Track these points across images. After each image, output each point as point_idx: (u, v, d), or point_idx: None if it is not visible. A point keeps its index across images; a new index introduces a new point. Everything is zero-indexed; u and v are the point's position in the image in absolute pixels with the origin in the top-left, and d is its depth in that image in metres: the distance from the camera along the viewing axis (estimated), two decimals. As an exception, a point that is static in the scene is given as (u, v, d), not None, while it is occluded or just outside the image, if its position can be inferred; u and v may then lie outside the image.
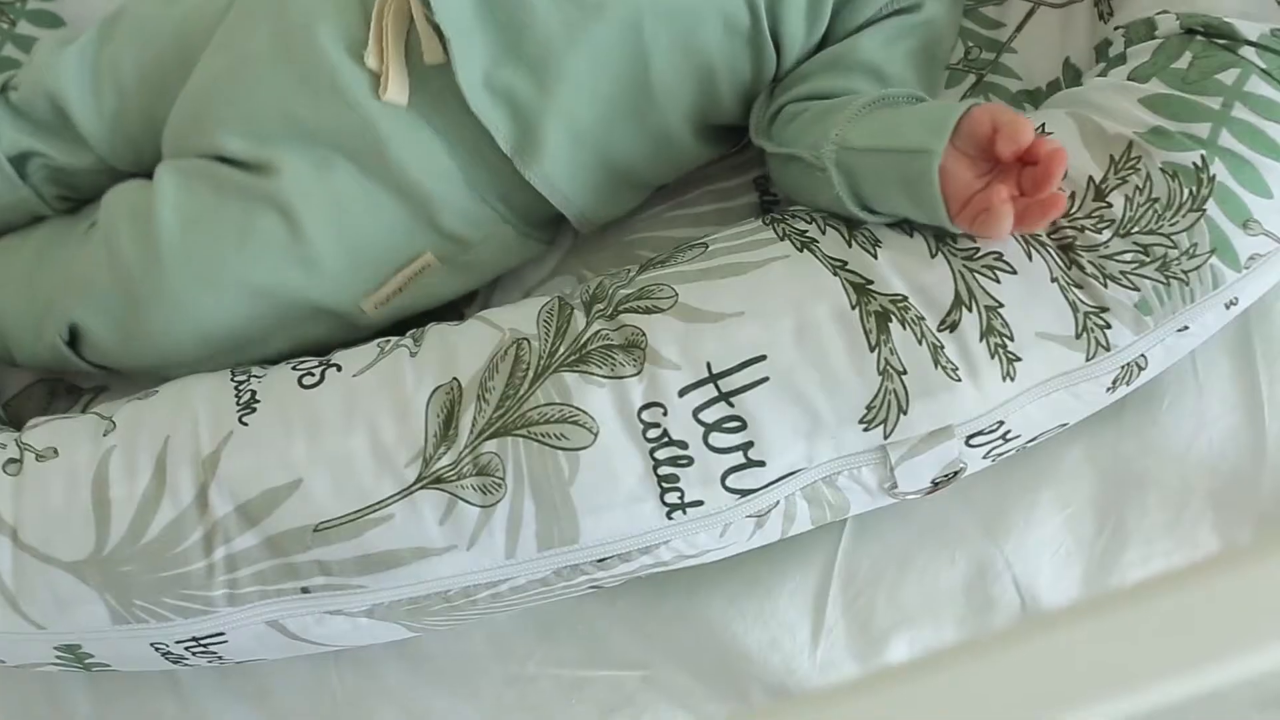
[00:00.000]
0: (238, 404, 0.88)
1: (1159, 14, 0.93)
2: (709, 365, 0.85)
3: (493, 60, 0.94)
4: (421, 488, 0.84)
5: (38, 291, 1.00)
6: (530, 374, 0.86)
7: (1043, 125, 0.91)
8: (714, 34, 0.95)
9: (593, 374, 0.85)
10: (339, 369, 0.89)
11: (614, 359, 0.86)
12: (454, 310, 1.05)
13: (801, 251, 0.88)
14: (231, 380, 0.91)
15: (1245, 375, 0.97)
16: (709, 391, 0.84)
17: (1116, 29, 0.97)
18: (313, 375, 0.89)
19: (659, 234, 1.05)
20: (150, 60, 1.01)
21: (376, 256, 0.96)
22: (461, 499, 0.84)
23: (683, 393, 0.84)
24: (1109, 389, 0.89)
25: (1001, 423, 0.87)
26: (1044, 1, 1.07)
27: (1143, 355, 0.88)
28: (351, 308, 0.97)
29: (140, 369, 0.99)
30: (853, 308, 0.85)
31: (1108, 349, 0.86)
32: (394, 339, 0.92)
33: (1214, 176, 0.85)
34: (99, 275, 0.96)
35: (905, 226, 0.88)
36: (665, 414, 0.84)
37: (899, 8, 0.98)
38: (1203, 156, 0.86)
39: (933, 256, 0.87)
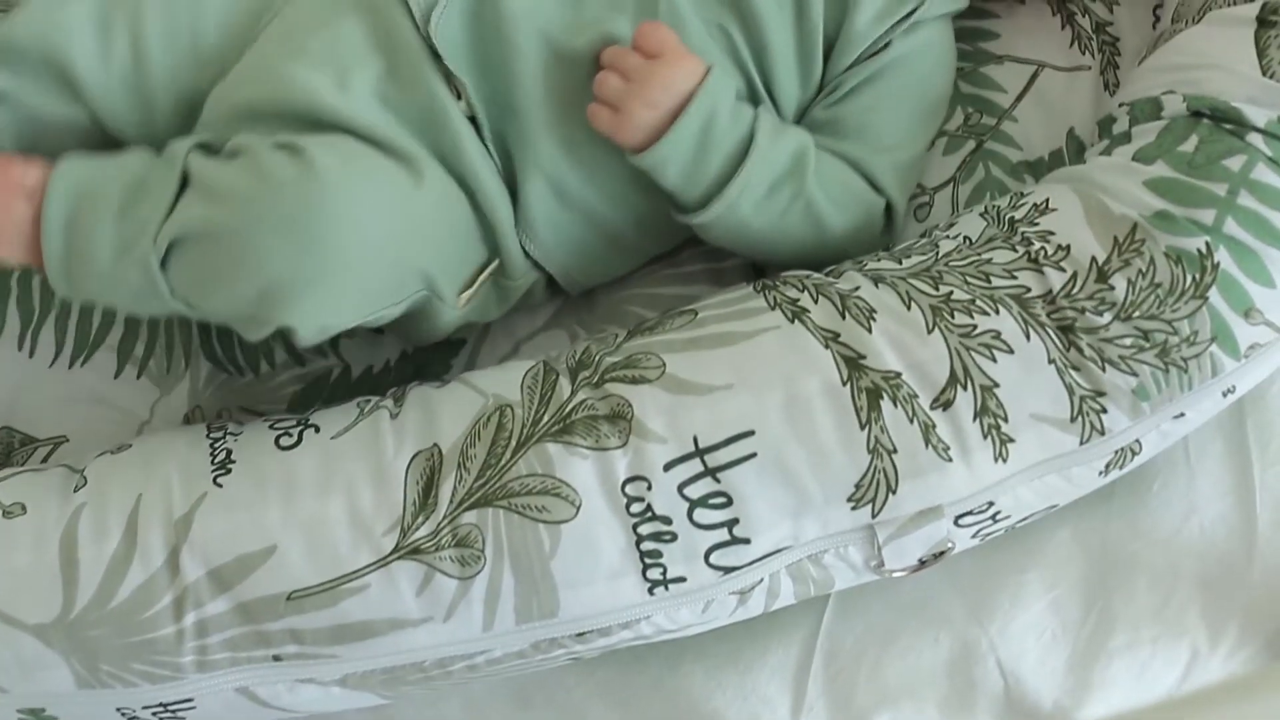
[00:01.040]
0: (212, 463, 0.86)
1: (1165, 94, 0.91)
2: (695, 439, 0.83)
3: (492, 105, 0.93)
4: (399, 558, 0.82)
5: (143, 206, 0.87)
6: (513, 443, 0.84)
7: (1047, 200, 0.90)
8: None
9: (576, 445, 0.83)
10: (317, 430, 0.87)
11: (599, 430, 0.84)
12: (441, 361, 1.03)
13: (793, 322, 0.87)
14: (207, 436, 0.89)
15: (1237, 459, 0.96)
16: (695, 466, 0.83)
17: (1121, 105, 0.95)
18: (290, 436, 0.87)
19: (651, 291, 1.03)
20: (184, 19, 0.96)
21: (471, 248, 0.94)
22: (439, 570, 0.82)
23: (668, 467, 0.83)
24: (1101, 473, 0.88)
25: (991, 503, 0.86)
26: (1047, 64, 1.05)
27: (1137, 440, 0.87)
28: (452, 295, 0.93)
29: (232, 309, 0.88)
30: (844, 383, 0.84)
31: (1103, 433, 0.85)
32: (374, 399, 0.91)
33: (1218, 264, 0.84)
34: (236, 190, 0.85)
35: (904, 297, 0.87)
36: (649, 488, 0.83)
37: (872, 51, 0.97)
38: (1207, 243, 0.84)
39: (929, 331, 0.85)
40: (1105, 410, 0.84)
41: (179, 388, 1.05)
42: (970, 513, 0.85)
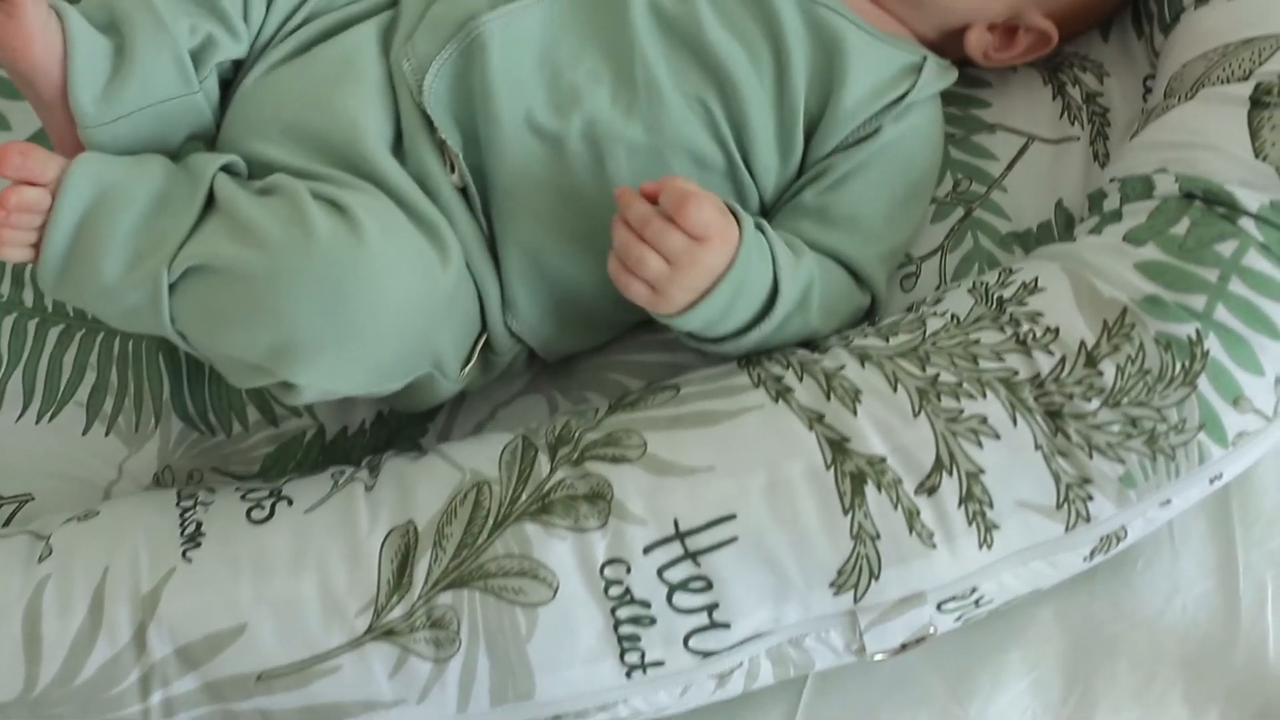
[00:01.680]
0: (181, 535, 0.84)
1: (1157, 173, 0.90)
2: (676, 522, 0.82)
3: (477, 175, 0.92)
4: (372, 639, 0.80)
5: (162, 219, 0.84)
6: (490, 521, 0.82)
7: (1036, 279, 0.88)
8: (680, 169, 0.92)
9: (555, 525, 0.82)
10: (290, 503, 0.86)
11: (578, 510, 0.82)
12: (418, 424, 1.02)
13: (776, 402, 0.85)
14: (176, 505, 0.87)
15: (1222, 539, 0.96)
16: (675, 549, 0.81)
17: (1112, 180, 0.94)
18: (262, 509, 0.85)
19: (633, 358, 1.02)
20: None
21: (472, 323, 0.93)
22: (413, 652, 0.80)
23: (648, 550, 0.82)
24: (1086, 558, 0.87)
25: (975, 588, 0.85)
26: (1036, 136, 1.04)
27: (1123, 527, 0.86)
28: (455, 370, 0.92)
29: (237, 354, 0.85)
30: (827, 468, 0.82)
31: (1088, 520, 0.84)
32: (349, 470, 0.89)
33: (1208, 352, 0.83)
34: (272, 235, 0.81)
35: (890, 378, 0.85)
36: (628, 571, 0.81)
37: (861, 135, 0.95)
38: (1198, 330, 0.83)
39: (915, 415, 0.84)
40: (1091, 498, 0.83)
41: (148, 446, 1.03)
42: (953, 598, 0.85)
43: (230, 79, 0.94)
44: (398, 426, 1.02)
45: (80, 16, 0.86)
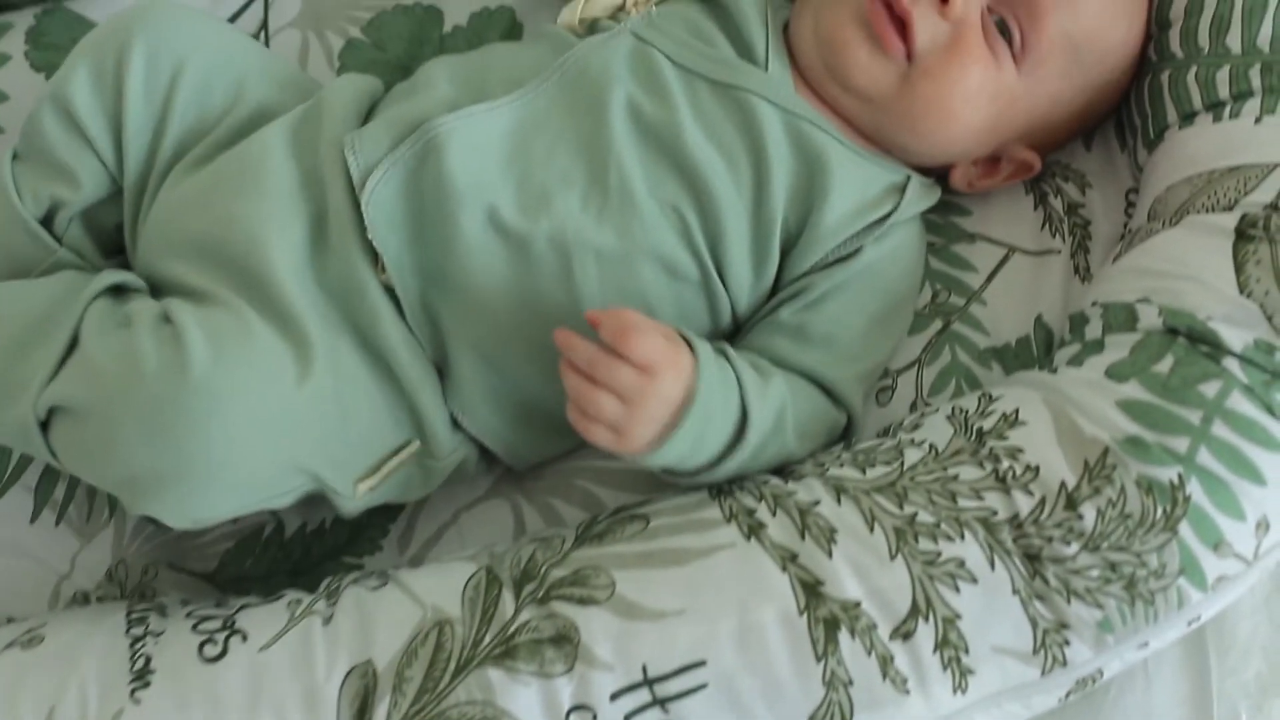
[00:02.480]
0: (130, 671, 0.81)
1: (1140, 302, 0.88)
2: (645, 668, 0.79)
3: (425, 280, 0.89)
4: (329, 790, 0.78)
5: (28, 354, 0.86)
6: (452, 665, 0.80)
7: (1016, 411, 0.87)
8: (651, 277, 0.90)
9: (519, 671, 0.79)
10: (244, 638, 0.83)
11: (543, 654, 0.80)
12: (378, 526, 0.99)
13: (749, 540, 0.83)
14: (126, 633, 0.84)
15: (1195, 668, 0.94)
16: (643, 696, 0.79)
17: (1094, 304, 0.92)
18: (215, 644, 0.82)
19: (600, 465, 0.99)
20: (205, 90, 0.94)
21: (377, 435, 0.90)
22: (371, 802, 0.78)
23: (615, 696, 0.79)
24: (1061, 699, 0.85)
25: (947, 729, 0.83)
26: (1017, 247, 1.02)
27: (1099, 670, 0.84)
28: (347, 486, 0.90)
29: (105, 487, 0.90)
30: (800, 613, 0.80)
31: (1065, 665, 0.82)
32: (306, 599, 0.86)
33: (1189, 497, 0.81)
34: (107, 372, 0.82)
35: (866, 516, 0.83)
36: (594, 718, 0.79)
37: (841, 255, 0.93)
38: (1180, 475, 0.81)
39: (892, 558, 0.82)
40: (1069, 643, 0.82)
41: (102, 538, 1.00)
42: (925, 739, 0.83)
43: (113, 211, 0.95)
44: (358, 526, 0.99)
45: None
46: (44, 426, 0.85)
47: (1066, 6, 0.93)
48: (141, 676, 0.81)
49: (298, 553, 0.99)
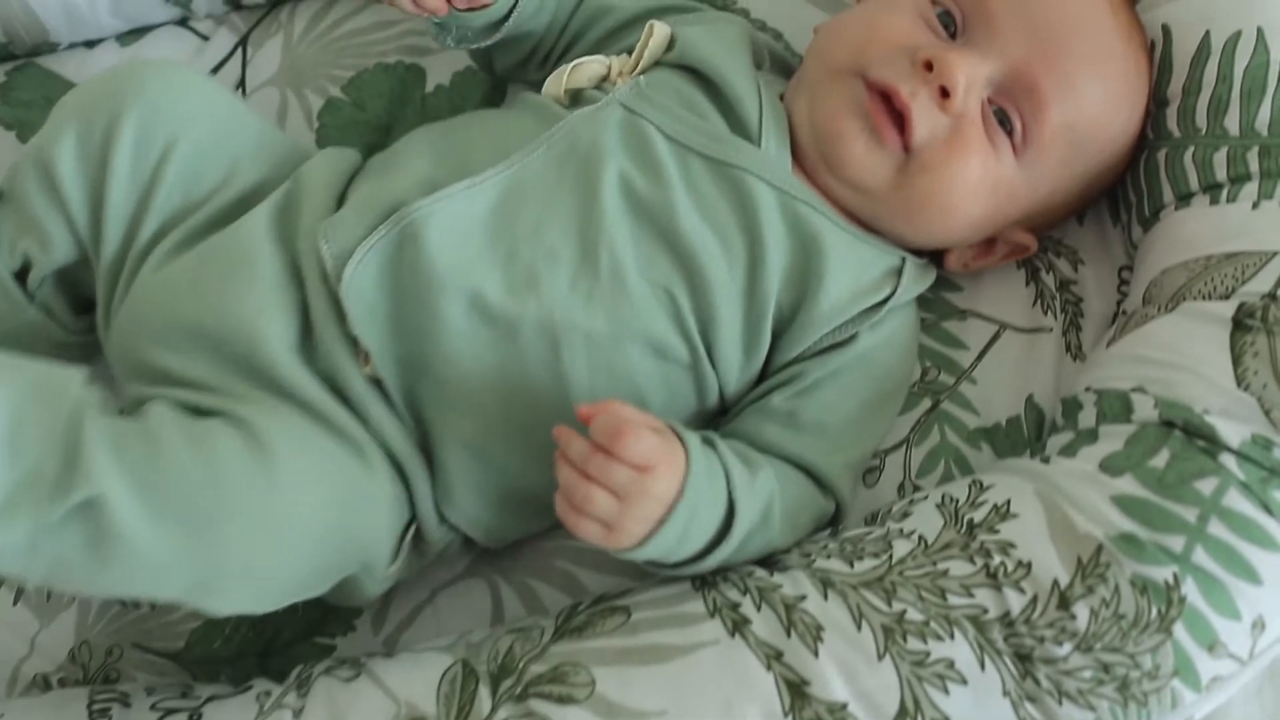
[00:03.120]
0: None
1: (1135, 391, 0.87)
2: (626, 772, 0.77)
3: (407, 370, 0.86)
4: None
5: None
6: (426, 771, 0.77)
7: (1008, 502, 0.85)
8: (640, 360, 0.88)
9: (495, 775, 0.77)
10: (210, 732, 0.80)
11: (520, 757, 0.78)
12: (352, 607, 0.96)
13: (733, 636, 0.81)
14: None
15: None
16: (623, 799, 0.77)
17: (1088, 390, 0.90)
18: (179, 739, 0.80)
19: (577, 544, 0.96)
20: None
21: (395, 518, 0.87)
22: None
23: (595, 800, 0.77)
24: (1050, 799, 0.83)
25: (931, 830, 0.81)
26: (1008, 325, 1.00)
27: (1090, 769, 0.82)
28: (382, 569, 0.88)
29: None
30: (786, 714, 0.79)
31: (1055, 766, 0.80)
32: (275, 690, 0.83)
33: (1184, 597, 0.79)
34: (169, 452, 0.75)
35: (854, 612, 0.81)
36: (572, 824, 0.77)
37: (835, 341, 0.91)
38: (1175, 575, 0.80)
39: (880, 658, 0.80)
40: (1060, 745, 0.80)
41: (63, 618, 0.97)
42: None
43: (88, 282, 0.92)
44: (331, 607, 0.97)
45: None
46: None
47: (1068, 97, 0.90)
48: (102, 775, 0.78)
49: (269, 633, 0.96)
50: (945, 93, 0.88)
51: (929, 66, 0.88)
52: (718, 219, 0.89)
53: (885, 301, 0.91)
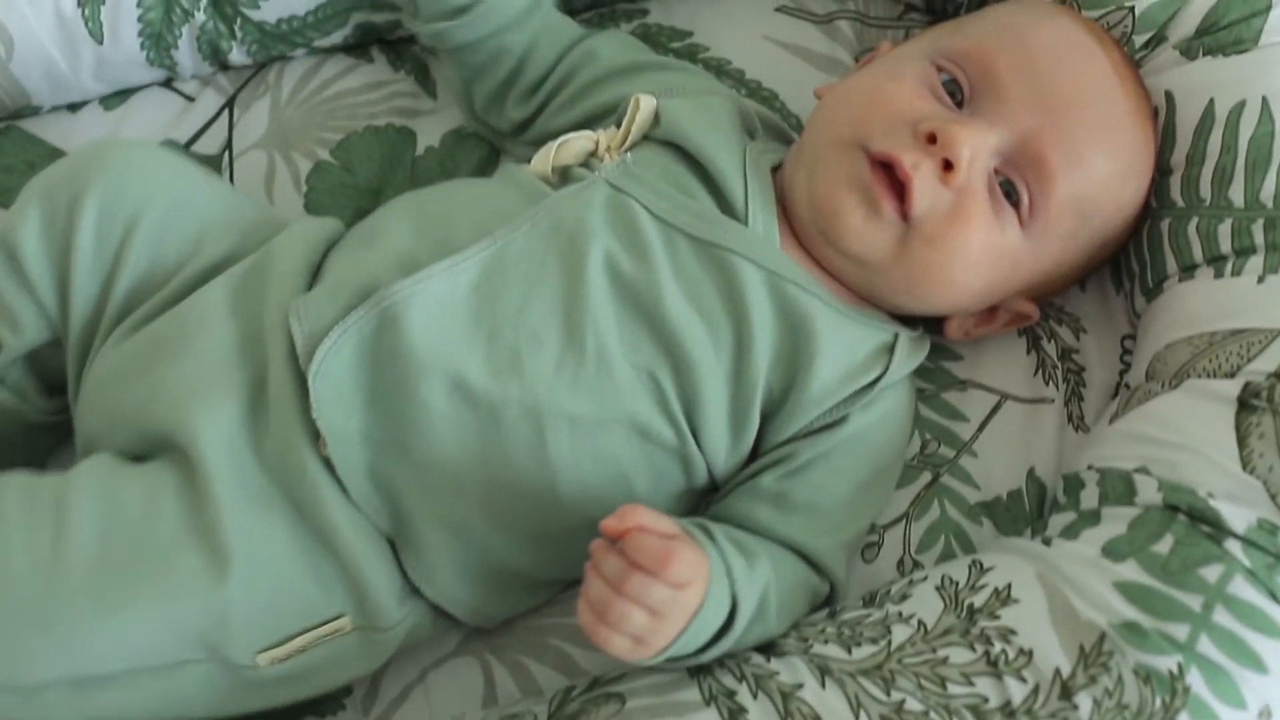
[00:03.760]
0: None
1: (1138, 472, 0.85)
2: None
3: (377, 451, 0.84)
4: None
5: None
6: None
7: (1009, 586, 0.83)
8: (625, 443, 0.86)
9: None
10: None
11: None
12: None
13: (729, 729, 0.79)
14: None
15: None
16: None
17: (1090, 468, 0.89)
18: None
19: (570, 621, 0.95)
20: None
21: (292, 609, 0.84)
22: None
23: None
24: None
25: None
26: (1010, 395, 0.99)
27: None
28: (246, 658, 0.84)
29: None
30: (783, 809, 0.77)
31: None
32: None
33: (1189, 688, 0.78)
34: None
35: (852, 701, 0.79)
36: None
37: (826, 423, 0.89)
38: (1179, 664, 0.78)
39: (877, 751, 0.78)
40: (1062, 842, 0.78)
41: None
42: None
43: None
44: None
45: None
46: None
47: (1077, 170, 0.88)
48: None
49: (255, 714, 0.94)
50: (948, 165, 0.86)
51: (932, 139, 0.86)
52: (703, 302, 0.87)
53: (877, 381, 0.89)
